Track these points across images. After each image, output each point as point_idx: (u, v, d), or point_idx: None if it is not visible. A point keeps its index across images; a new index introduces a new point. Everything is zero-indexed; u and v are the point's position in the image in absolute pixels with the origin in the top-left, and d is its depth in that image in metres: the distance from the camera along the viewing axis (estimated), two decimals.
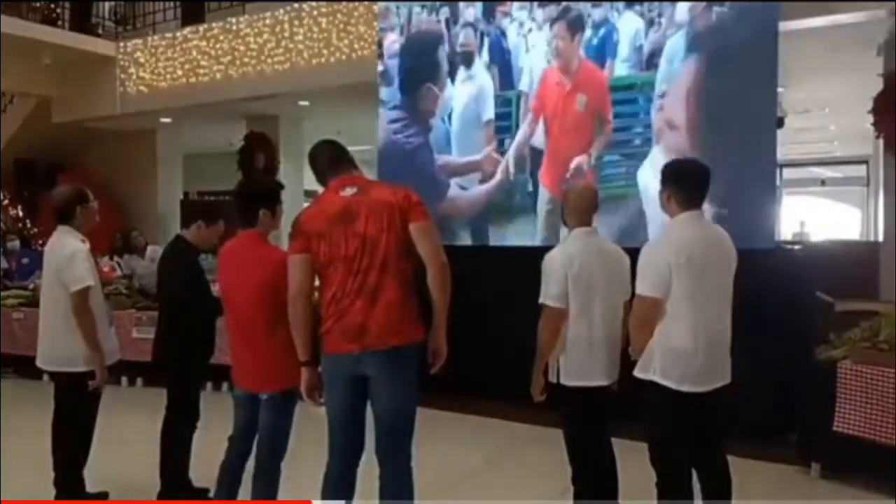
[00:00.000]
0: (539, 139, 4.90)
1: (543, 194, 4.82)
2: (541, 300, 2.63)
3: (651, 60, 4.46)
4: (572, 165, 4.73)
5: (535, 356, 2.68)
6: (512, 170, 4.93)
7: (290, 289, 2.34)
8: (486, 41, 5.00)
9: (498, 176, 4.96)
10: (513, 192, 4.93)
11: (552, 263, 2.64)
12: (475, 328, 3.43)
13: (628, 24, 4.54)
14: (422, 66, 5.08)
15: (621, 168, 4.57)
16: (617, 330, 2.65)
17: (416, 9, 5.19)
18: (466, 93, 5.06)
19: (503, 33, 4.96)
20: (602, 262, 2.65)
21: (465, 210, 5.05)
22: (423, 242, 2.29)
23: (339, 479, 2.36)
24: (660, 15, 4.44)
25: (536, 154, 4.90)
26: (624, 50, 4.55)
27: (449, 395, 4.38)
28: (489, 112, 4.98)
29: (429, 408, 4.49)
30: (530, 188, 4.86)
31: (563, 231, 2.92)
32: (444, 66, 5.03)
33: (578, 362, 2.63)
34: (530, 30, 4.90)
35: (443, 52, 5.02)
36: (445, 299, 2.29)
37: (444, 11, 5.12)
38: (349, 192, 2.36)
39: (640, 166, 4.50)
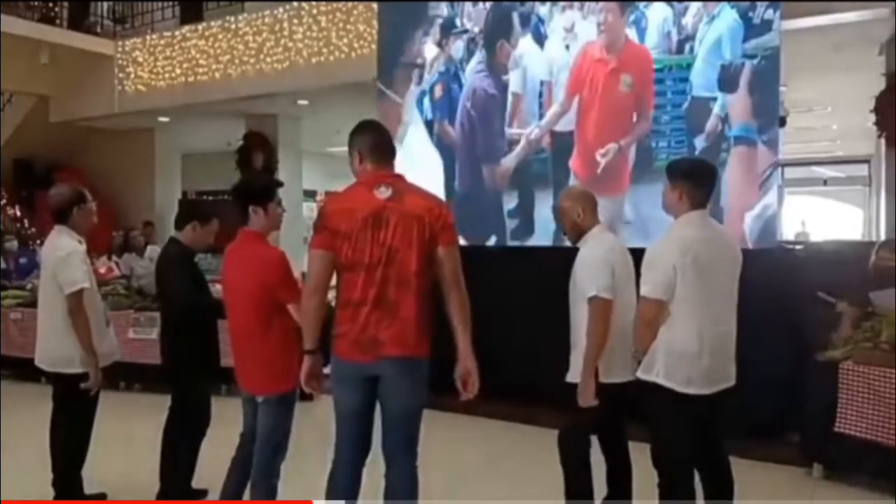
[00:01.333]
0: (566, 123, 4.76)
1: (574, 183, 4.63)
2: (593, 293, 2.54)
3: (681, 45, 4.44)
4: (600, 153, 4.59)
5: (587, 355, 2.56)
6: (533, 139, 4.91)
7: (308, 283, 2.29)
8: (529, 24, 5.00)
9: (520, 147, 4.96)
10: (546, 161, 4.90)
11: (599, 257, 2.61)
12: (478, 329, 3.41)
13: (657, 12, 4.52)
14: (497, 28, 5.13)
15: (650, 142, 4.56)
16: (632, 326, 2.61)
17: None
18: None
19: (541, 20, 4.94)
20: (626, 259, 2.69)
21: (507, 173, 5.05)
22: (447, 267, 2.25)
23: (345, 478, 2.34)
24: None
25: (564, 139, 4.78)
26: (653, 36, 4.53)
27: (451, 396, 4.37)
28: (517, 86, 4.98)
29: (431, 408, 4.53)
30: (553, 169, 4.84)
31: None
32: (517, 27, 5.05)
33: (618, 357, 2.57)
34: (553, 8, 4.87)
35: (515, 16, 5.05)
36: (468, 324, 2.28)
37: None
38: (384, 193, 2.25)
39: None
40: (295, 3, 7.33)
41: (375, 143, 2.34)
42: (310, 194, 10.33)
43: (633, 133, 4.52)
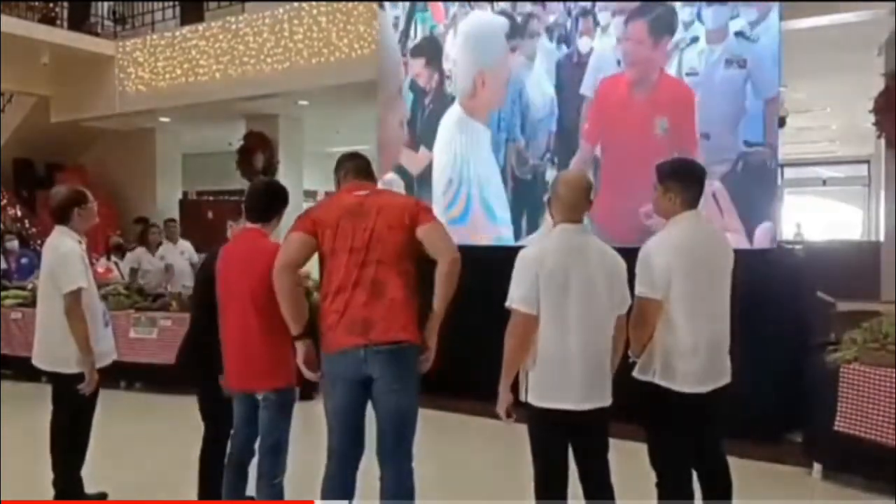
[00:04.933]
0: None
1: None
2: (507, 303, 2.24)
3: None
4: (645, 214, 3.71)
5: (502, 368, 2.29)
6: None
7: (278, 260, 2.28)
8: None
9: None
10: None
11: (522, 261, 2.26)
12: (478, 328, 3.41)
13: None
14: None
15: None
16: (601, 344, 2.26)
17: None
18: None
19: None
20: (584, 265, 2.24)
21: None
22: (437, 239, 2.29)
23: (339, 483, 2.33)
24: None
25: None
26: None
27: (450, 397, 4.38)
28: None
29: (430, 409, 4.48)
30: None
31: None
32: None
33: (548, 379, 2.23)
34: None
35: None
36: (450, 292, 2.26)
37: None
38: (361, 193, 2.41)
39: None
40: (295, 4, 7.33)
41: (360, 165, 2.55)
42: (310, 195, 10.33)
43: None
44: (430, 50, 5.06)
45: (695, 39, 3.96)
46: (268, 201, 2.69)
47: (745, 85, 3.90)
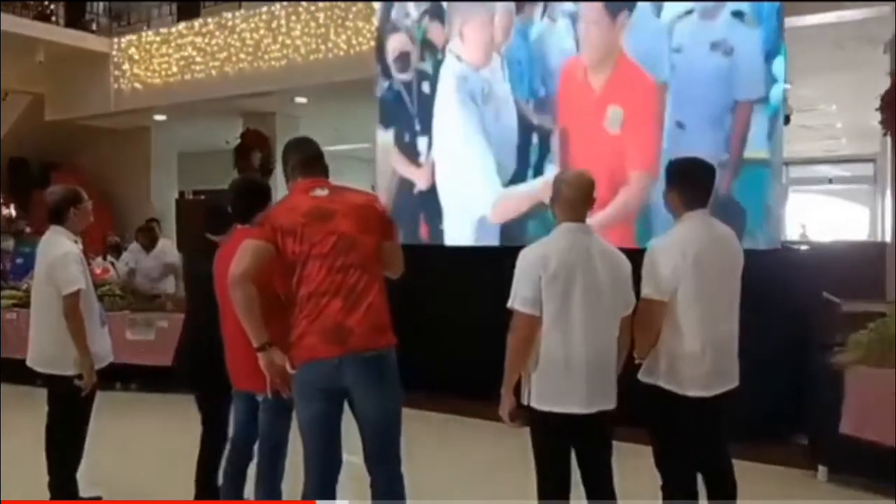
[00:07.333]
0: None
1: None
2: (509, 304, 2.21)
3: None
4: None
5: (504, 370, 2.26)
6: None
7: (232, 270, 2.16)
8: None
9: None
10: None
11: (524, 261, 2.24)
12: (476, 330, 3.37)
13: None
14: None
15: None
16: (605, 346, 2.23)
17: None
18: None
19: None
20: (588, 265, 2.20)
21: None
22: (395, 258, 2.35)
23: (319, 497, 2.25)
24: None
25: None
26: None
27: (450, 398, 4.35)
28: None
29: (430, 410, 4.35)
30: None
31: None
32: None
33: (551, 382, 2.20)
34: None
35: None
36: None
37: None
38: (320, 193, 2.28)
39: None
40: (293, 0, 7.29)
41: (308, 158, 2.39)
42: None
43: (623, 192, 3.50)
44: None
45: (688, 12, 3.72)
46: (249, 201, 2.63)
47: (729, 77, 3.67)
